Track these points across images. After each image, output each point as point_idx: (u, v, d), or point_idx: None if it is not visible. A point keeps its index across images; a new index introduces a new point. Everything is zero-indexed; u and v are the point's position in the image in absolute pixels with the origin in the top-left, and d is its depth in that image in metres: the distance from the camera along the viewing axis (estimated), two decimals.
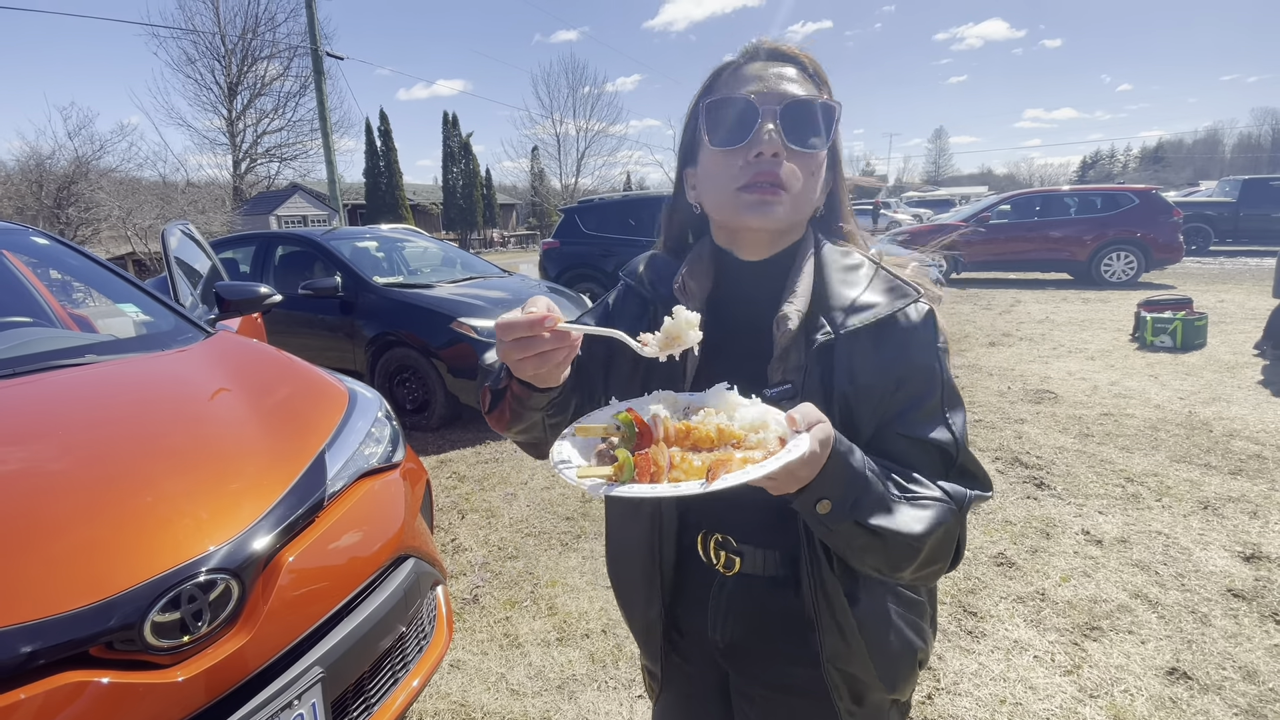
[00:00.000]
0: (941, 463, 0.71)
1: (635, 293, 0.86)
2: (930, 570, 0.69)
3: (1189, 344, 6.04)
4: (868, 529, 0.63)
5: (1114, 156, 76.89)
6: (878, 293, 0.72)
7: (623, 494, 0.54)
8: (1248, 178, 16.04)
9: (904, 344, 0.70)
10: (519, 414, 0.76)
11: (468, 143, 35.38)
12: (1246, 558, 2.56)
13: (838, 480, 0.61)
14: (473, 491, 3.48)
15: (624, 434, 0.62)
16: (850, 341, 0.70)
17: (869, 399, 0.70)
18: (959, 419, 0.72)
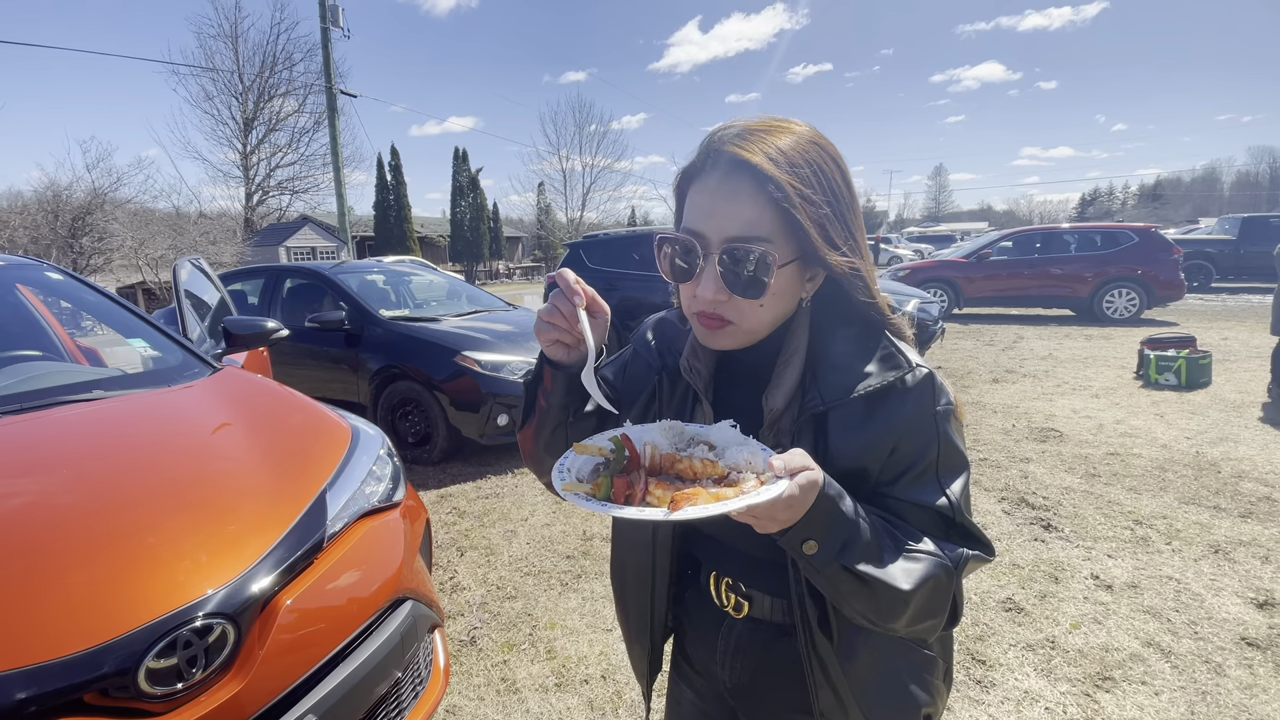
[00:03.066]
0: (938, 525, 0.71)
1: (642, 361, 0.88)
2: (924, 625, 0.70)
3: (1194, 382, 6.02)
4: (854, 574, 0.63)
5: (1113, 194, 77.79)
6: (874, 364, 0.72)
7: (591, 508, 0.60)
8: (1247, 215, 16.18)
9: (897, 411, 0.71)
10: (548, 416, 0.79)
11: (476, 177, 36.05)
12: (1260, 604, 2.50)
13: (824, 523, 0.62)
14: (472, 528, 3.45)
15: (615, 455, 0.66)
16: (842, 411, 0.71)
17: (862, 465, 0.71)
18: (957, 483, 0.72)
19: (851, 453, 0.71)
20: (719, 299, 0.71)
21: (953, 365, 7.46)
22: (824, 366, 0.73)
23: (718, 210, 0.70)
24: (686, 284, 0.74)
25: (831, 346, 0.74)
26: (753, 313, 0.72)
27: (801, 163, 0.70)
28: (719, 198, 0.70)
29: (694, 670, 0.93)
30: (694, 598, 0.91)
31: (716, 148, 0.72)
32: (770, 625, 0.81)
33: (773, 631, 0.81)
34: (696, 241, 0.71)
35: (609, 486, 0.62)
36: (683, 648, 0.96)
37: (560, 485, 0.64)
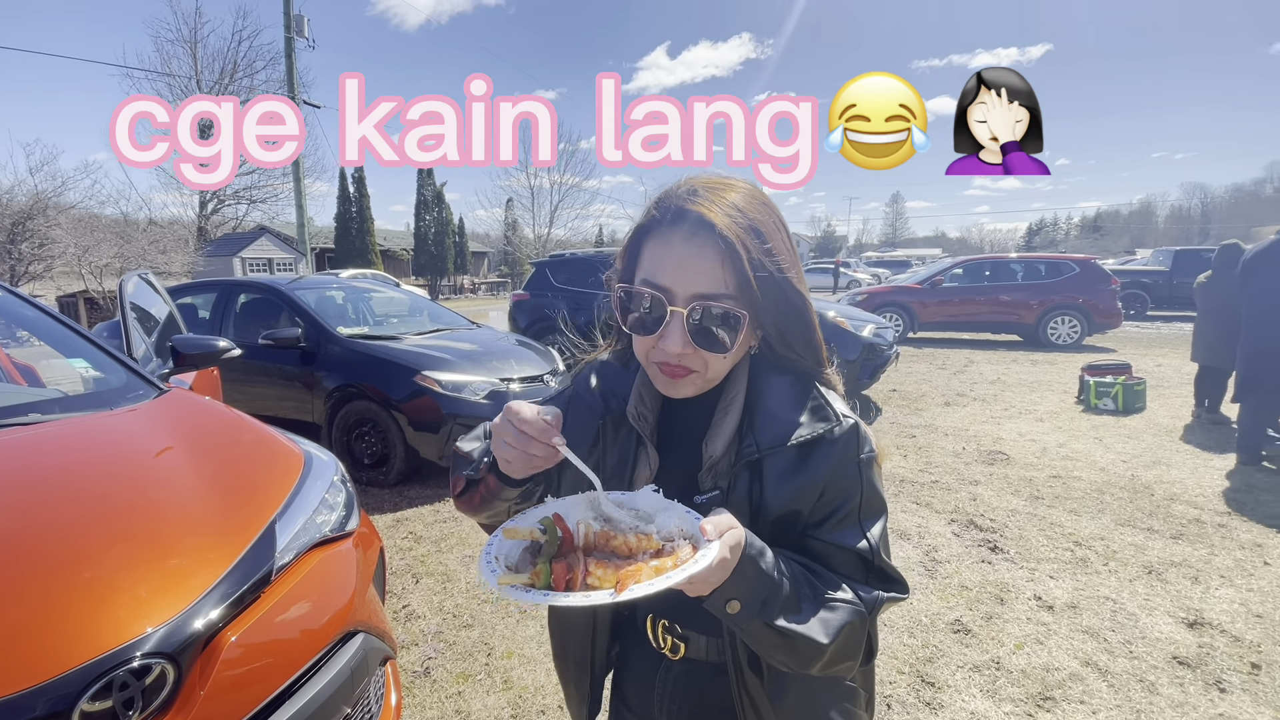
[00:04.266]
0: (859, 567, 0.75)
1: (585, 404, 0.88)
2: (839, 667, 0.74)
3: (1130, 407, 6.35)
4: (775, 629, 0.67)
5: (1057, 224, 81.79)
6: (805, 414, 0.76)
7: (536, 601, 0.59)
8: (1180, 248, 17.24)
9: (825, 459, 0.75)
10: (489, 502, 0.80)
11: (441, 191, 35.73)
12: (1190, 624, 2.64)
13: (746, 582, 0.65)
14: (429, 553, 3.38)
15: (548, 538, 0.66)
16: (777, 458, 0.75)
17: (795, 509, 0.75)
18: (876, 526, 0.76)
19: (785, 498, 0.74)
20: (685, 352, 0.73)
21: (907, 388, 7.69)
22: (760, 415, 0.77)
23: (684, 267, 0.73)
24: (648, 335, 0.76)
25: (767, 396, 0.78)
26: (715, 364, 0.76)
27: (755, 223, 0.74)
28: (684, 255, 0.73)
29: (632, 712, 0.94)
30: (631, 640, 0.93)
31: (679, 206, 0.75)
32: (706, 665, 0.83)
33: (709, 671, 0.83)
34: (662, 296, 0.73)
35: (548, 574, 0.61)
36: (621, 691, 0.97)
37: (494, 579, 0.61)
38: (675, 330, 0.73)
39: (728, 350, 0.74)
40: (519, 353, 5.18)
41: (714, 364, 0.76)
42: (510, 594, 0.60)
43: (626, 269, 0.81)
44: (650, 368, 0.79)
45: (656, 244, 0.76)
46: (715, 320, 0.73)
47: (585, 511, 0.69)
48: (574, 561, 0.61)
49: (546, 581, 0.60)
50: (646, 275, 0.75)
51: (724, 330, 0.73)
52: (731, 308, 0.73)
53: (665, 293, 0.73)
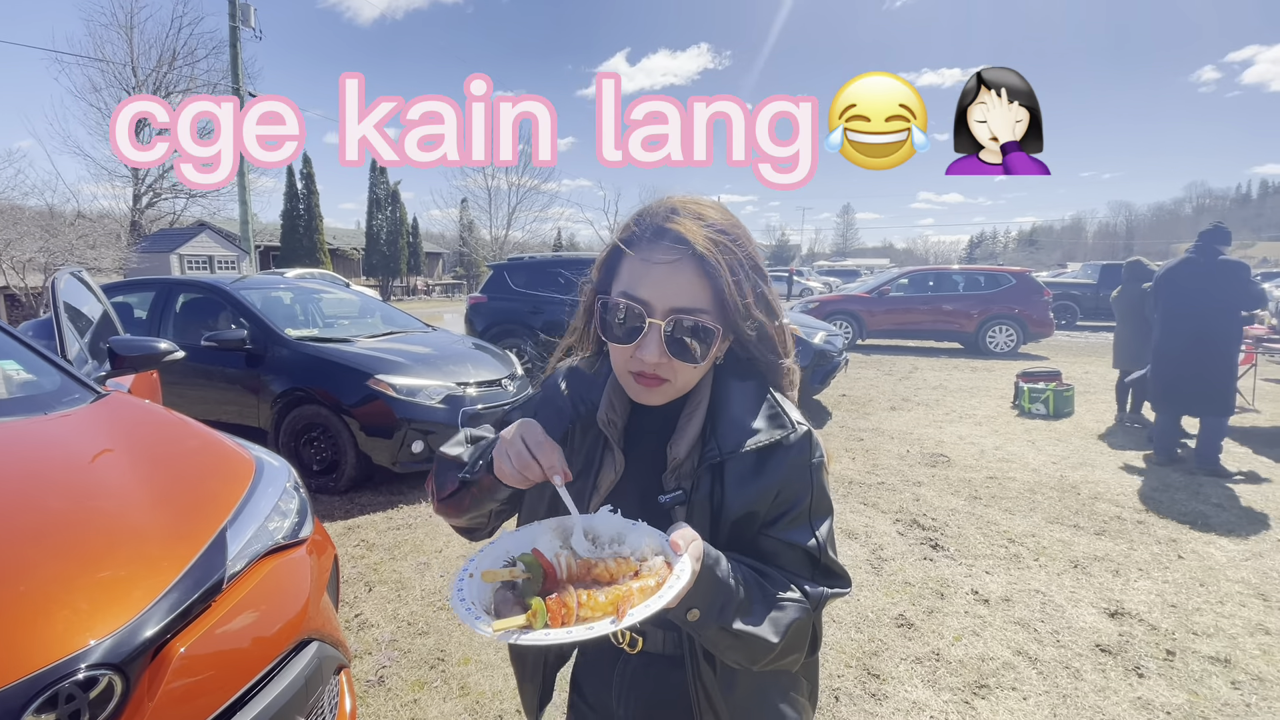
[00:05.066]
0: (807, 563, 0.81)
1: (554, 407, 0.91)
2: (787, 660, 0.79)
3: (1060, 412, 6.74)
4: (730, 632, 0.72)
5: (996, 237, 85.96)
6: (763, 420, 0.82)
7: (540, 641, 0.57)
8: (1106, 263, 18.40)
9: (781, 463, 0.80)
10: (479, 503, 0.84)
11: (396, 191, 34.90)
12: (1111, 614, 2.84)
13: (705, 591, 0.69)
14: (382, 561, 3.32)
15: (531, 575, 0.66)
16: (737, 462, 0.80)
17: (750, 509, 0.80)
18: (825, 526, 0.82)
19: (744, 499, 0.80)
20: (661, 362, 0.78)
21: (855, 393, 7.95)
22: (723, 421, 0.82)
23: (662, 282, 0.77)
24: (625, 345, 0.80)
25: (730, 403, 0.83)
26: (686, 373, 0.80)
27: (728, 242, 0.79)
28: (663, 271, 0.77)
29: (590, 707, 0.98)
30: (590, 643, 0.95)
31: (658, 224, 0.80)
32: (662, 658, 0.88)
33: (665, 664, 0.88)
34: (642, 308, 0.78)
35: (545, 613, 0.60)
36: (579, 687, 1.00)
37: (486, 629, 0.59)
38: (653, 341, 0.77)
39: (700, 361, 0.79)
40: (476, 356, 5.13)
41: (685, 373, 0.80)
42: (509, 640, 0.58)
43: (603, 280, 0.85)
44: (625, 376, 0.83)
45: (636, 259, 0.80)
46: (690, 333, 0.78)
47: (553, 540, 0.71)
48: (566, 596, 0.62)
49: (544, 621, 0.60)
50: (626, 288, 0.80)
51: (698, 342, 0.78)
52: (706, 321, 0.78)
53: (644, 305, 0.78)
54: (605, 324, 0.82)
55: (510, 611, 0.63)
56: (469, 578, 0.67)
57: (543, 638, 0.57)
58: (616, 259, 0.83)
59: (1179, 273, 4.80)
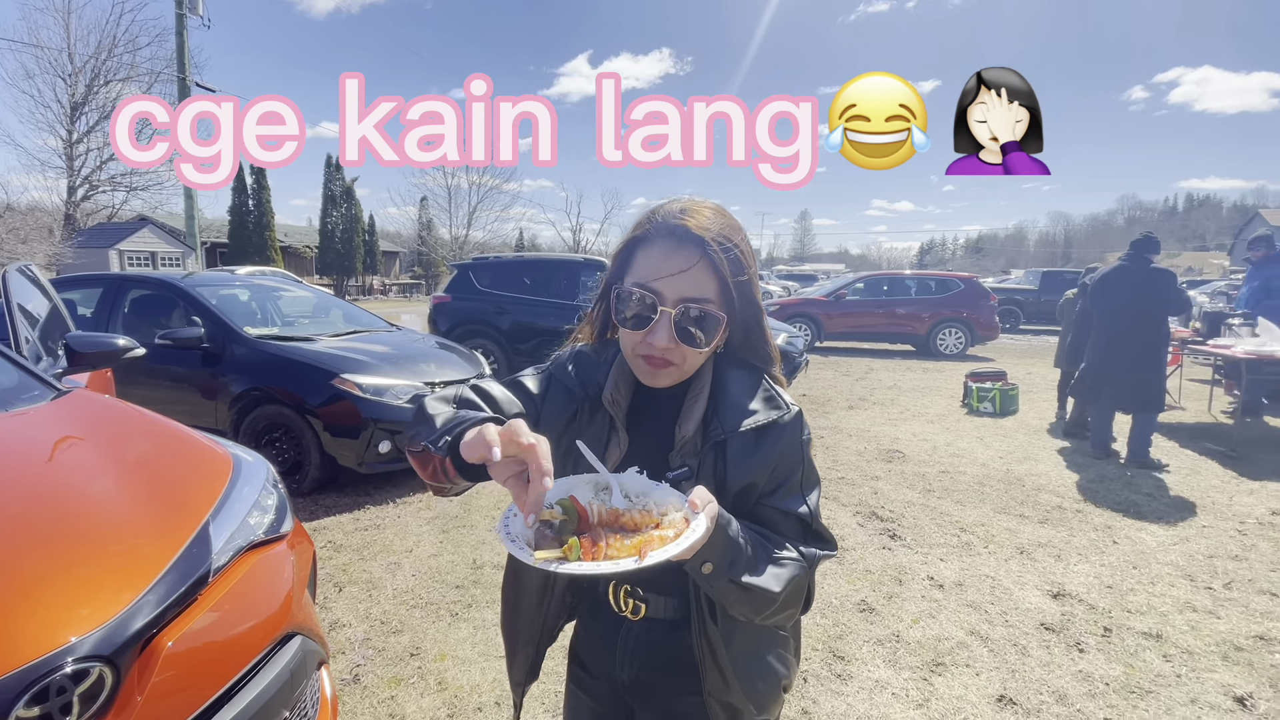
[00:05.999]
0: (800, 529, 0.90)
1: (563, 386, 0.97)
2: (786, 614, 0.88)
3: (1006, 410, 7.09)
4: (739, 585, 0.79)
5: (945, 244, 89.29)
6: (760, 402, 0.91)
7: (573, 571, 0.66)
8: (1046, 270, 19.39)
9: (777, 440, 0.89)
10: (438, 479, 0.81)
11: (351, 187, 34.00)
12: (1054, 595, 3.03)
13: (718, 547, 0.77)
14: (351, 562, 3.28)
15: (567, 518, 0.74)
16: (739, 440, 0.88)
17: (750, 481, 0.88)
18: (814, 495, 0.92)
19: (745, 473, 0.88)
20: (670, 347, 0.85)
21: (815, 393, 8.19)
22: (724, 403, 0.90)
23: (674, 274, 0.85)
24: (637, 330, 0.87)
25: (730, 387, 0.92)
26: (693, 358, 0.88)
27: (730, 240, 0.88)
28: (674, 264, 0.85)
29: (591, 675, 1.04)
30: (590, 607, 1.02)
31: (669, 222, 0.88)
32: (664, 623, 0.95)
33: (665, 629, 0.95)
34: (654, 297, 0.85)
35: (578, 548, 0.69)
36: (578, 659, 1.06)
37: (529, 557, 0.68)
38: (663, 327, 0.85)
39: (705, 347, 0.87)
40: (443, 356, 5.10)
41: (691, 358, 0.88)
42: (548, 567, 0.67)
43: (617, 271, 0.93)
44: (635, 360, 0.90)
45: (649, 252, 0.88)
46: (698, 320, 0.85)
47: (587, 491, 0.78)
48: (596, 535, 0.71)
49: (578, 555, 0.68)
50: (639, 279, 0.87)
51: (705, 329, 0.86)
52: (713, 310, 0.86)
53: (656, 295, 0.85)
54: (619, 311, 0.88)
55: (548, 545, 0.71)
56: (513, 515, 0.74)
57: (576, 568, 0.66)
58: (631, 251, 0.91)
59: (1112, 279, 5.13)
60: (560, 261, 8.09)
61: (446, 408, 0.86)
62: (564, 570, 0.66)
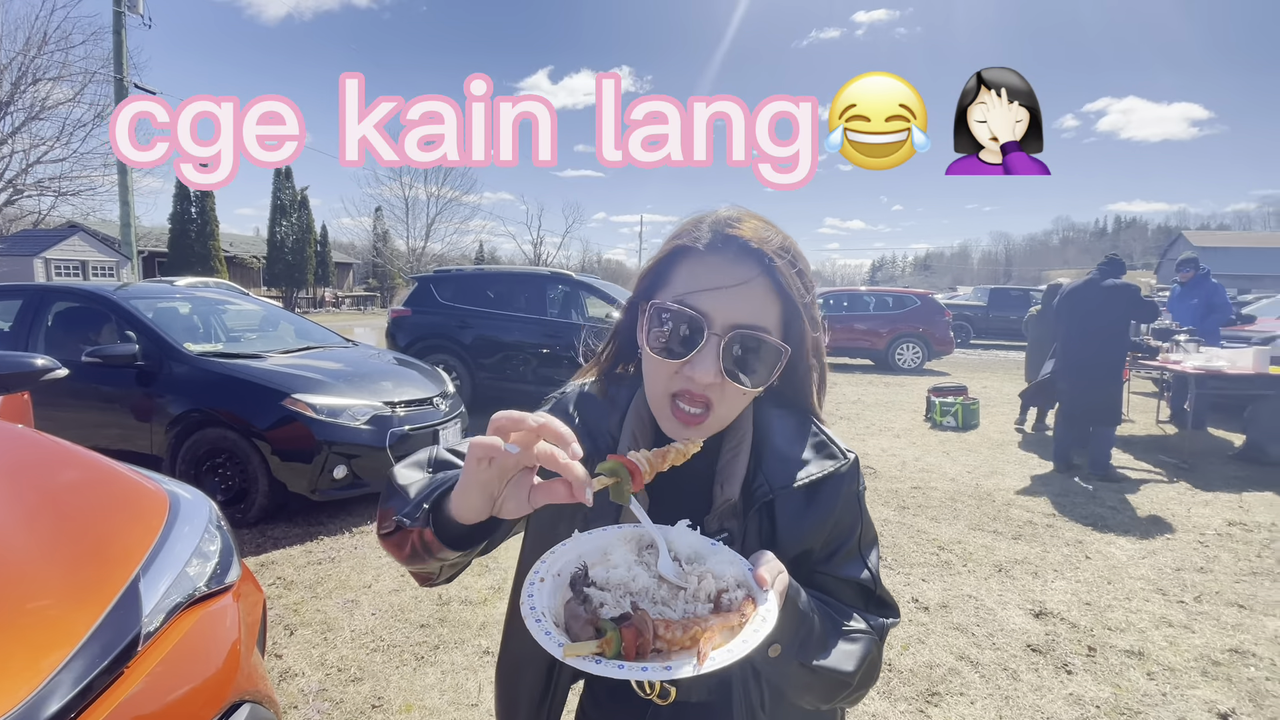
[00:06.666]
0: (862, 597, 0.77)
1: None
2: (857, 695, 0.74)
3: (968, 424, 7.22)
4: (809, 668, 0.66)
5: (895, 262, 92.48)
6: (811, 451, 0.77)
7: (612, 674, 0.51)
8: (994, 287, 20.17)
9: (833, 496, 0.76)
10: (420, 558, 0.67)
11: (304, 196, 32.92)
12: (1036, 614, 3.01)
13: (788, 626, 0.64)
14: (303, 600, 3.01)
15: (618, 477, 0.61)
16: (789, 498, 0.74)
17: (808, 548, 0.75)
18: (875, 556, 0.79)
19: (798, 537, 0.74)
20: (714, 383, 0.69)
21: None
22: (769, 454, 0.76)
23: (727, 293, 0.69)
24: (673, 360, 0.70)
25: (774, 435, 0.77)
26: (734, 400, 0.71)
27: (795, 260, 0.72)
28: (728, 282, 0.69)
29: None
30: (607, 692, 0.85)
31: (723, 230, 0.71)
32: (696, 707, 0.79)
33: (697, 713, 0.79)
34: (702, 318, 0.68)
35: (619, 641, 0.53)
36: None
37: (558, 649, 0.52)
38: (709, 357, 0.68)
39: (758, 386, 0.71)
40: (403, 373, 4.85)
41: (732, 401, 0.72)
42: (582, 665, 0.52)
43: (651, 285, 0.75)
44: (661, 403, 0.73)
45: (697, 264, 0.71)
46: (753, 353, 0.69)
47: (629, 552, 0.63)
48: (642, 625, 0.55)
49: (617, 649, 0.53)
50: (682, 295, 0.70)
51: (760, 365, 0.70)
52: (772, 340, 0.70)
53: (704, 316, 0.68)
54: (651, 334, 0.71)
55: (582, 630, 0.55)
56: (539, 581, 0.59)
57: (615, 670, 0.51)
58: (672, 262, 0.74)
59: (1076, 297, 5.28)
60: (526, 275, 7.90)
61: (419, 474, 0.74)
62: (600, 672, 0.51)
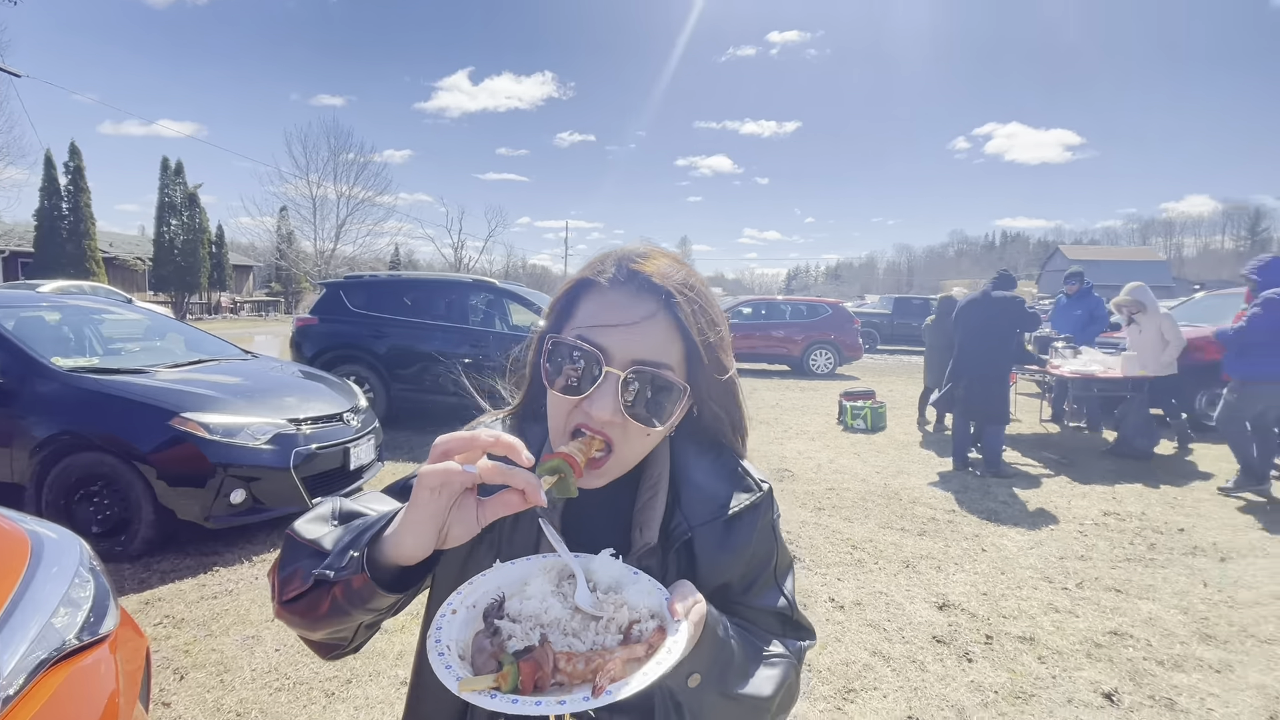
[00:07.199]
0: (780, 624, 0.79)
1: None
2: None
3: (876, 426, 7.64)
4: (730, 697, 0.67)
5: (808, 271, 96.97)
6: (728, 485, 0.77)
7: (508, 709, 0.51)
8: (898, 296, 21.54)
9: (749, 528, 0.76)
10: (342, 614, 0.63)
11: (195, 194, 30.38)
12: (940, 606, 3.21)
13: (706, 655, 0.64)
14: (196, 640, 2.75)
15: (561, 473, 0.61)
16: (706, 534, 0.74)
17: (724, 580, 0.75)
18: (790, 582, 0.81)
19: (717, 571, 0.74)
20: (614, 421, 0.67)
21: None
22: (686, 490, 0.75)
23: (626, 329, 0.68)
24: (571, 396, 0.69)
25: (691, 470, 0.77)
26: (637, 441, 0.70)
27: (698, 296, 0.72)
28: (629, 317, 0.68)
29: None
30: None
31: (625, 265, 0.71)
32: None
33: None
34: (600, 354, 0.67)
35: (516, 674, 0.53)
36: None
37: (453, 681, 0.52)
38: (608, 394, 0.66)
39: (660, 426, 0.69)
40: (309, 386, 4.56)
41: (635, 442, 0.69)
42: (476, 700, 0.51)
43: (556, 323, 0.74)
44: (562, 438, 0.71)
45: (598, 299, 0.71)
46: (653, 390, 0.68)
47: (547, 582, 0.62)
48: (542, 658, 0.54)
49: (514, 683, 0.52)
50: (581, 331, 0.69)
51: (661, 402, 0.69)
52: (674, 379, 0.69)
53: (602, 351, 0.67)
54: (552, 368, 0.70)
55: (485, 664, 0.55)
56: (450, 614, 0.58)
57: (508, 705, 0.51)
58: (576, 296, 0.73)
59: (971, 309, 5.74)
60: (446, 281, 7.56)
61: (326, 527, 0.69)
62: (493, 707, 0.51)
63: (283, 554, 0.69)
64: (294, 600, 0.65)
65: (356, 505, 0.73)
